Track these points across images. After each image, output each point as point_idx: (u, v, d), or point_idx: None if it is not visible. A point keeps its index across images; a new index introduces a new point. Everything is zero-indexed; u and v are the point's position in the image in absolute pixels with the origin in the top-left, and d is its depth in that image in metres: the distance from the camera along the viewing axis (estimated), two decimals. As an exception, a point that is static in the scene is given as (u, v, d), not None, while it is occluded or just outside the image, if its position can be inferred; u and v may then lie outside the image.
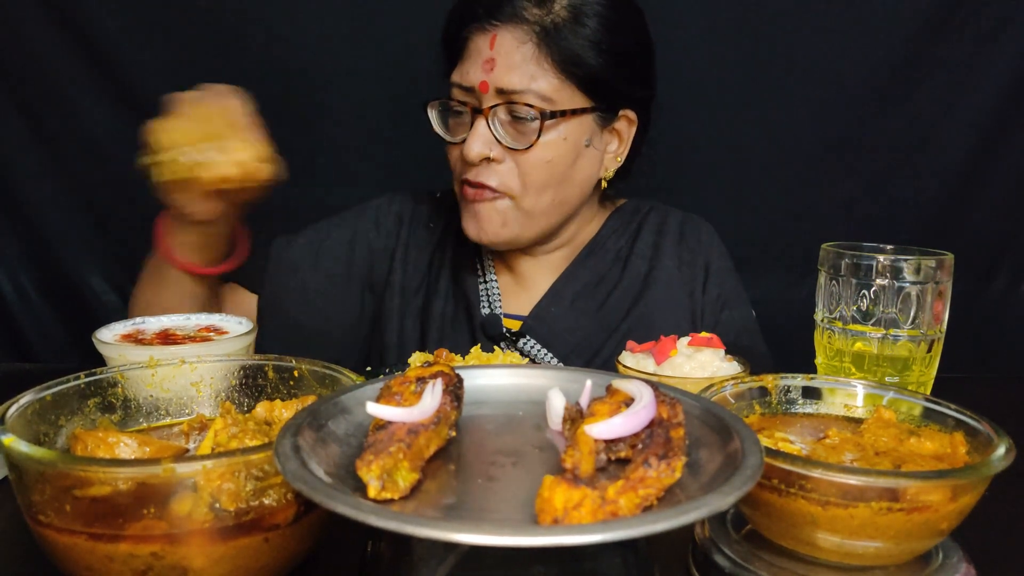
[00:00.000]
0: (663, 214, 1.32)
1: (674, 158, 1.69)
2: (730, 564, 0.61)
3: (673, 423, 0.54)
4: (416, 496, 0.50)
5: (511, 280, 1.29)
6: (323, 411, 0.57)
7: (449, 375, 0.61)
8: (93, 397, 0.71)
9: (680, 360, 0.87)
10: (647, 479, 0.48)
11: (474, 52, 1.12)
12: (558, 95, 1.10)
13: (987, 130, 1.76)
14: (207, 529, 0.54)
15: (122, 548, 0.53)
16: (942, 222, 1.80)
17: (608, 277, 1.27)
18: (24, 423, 0.63)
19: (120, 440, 0.64)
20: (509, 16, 1.09)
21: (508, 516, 0.48)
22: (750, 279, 1.38)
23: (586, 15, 1.10)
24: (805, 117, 1.77)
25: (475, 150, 1.10)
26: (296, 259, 1.30)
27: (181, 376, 0.76)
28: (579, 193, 1.20)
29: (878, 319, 0.93)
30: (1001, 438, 0.60)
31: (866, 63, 1.73)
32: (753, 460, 0.49)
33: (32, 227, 1.82)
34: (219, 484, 0.54)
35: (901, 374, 0.94)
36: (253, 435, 0.63)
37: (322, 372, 0.75)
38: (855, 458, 0.63)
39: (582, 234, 1.29)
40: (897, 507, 0.54)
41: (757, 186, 1.81)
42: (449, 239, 1.32)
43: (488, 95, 1.10)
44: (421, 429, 0.53)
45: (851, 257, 0.94)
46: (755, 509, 0.61)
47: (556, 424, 0.60)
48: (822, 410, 0.74)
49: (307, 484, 0.46)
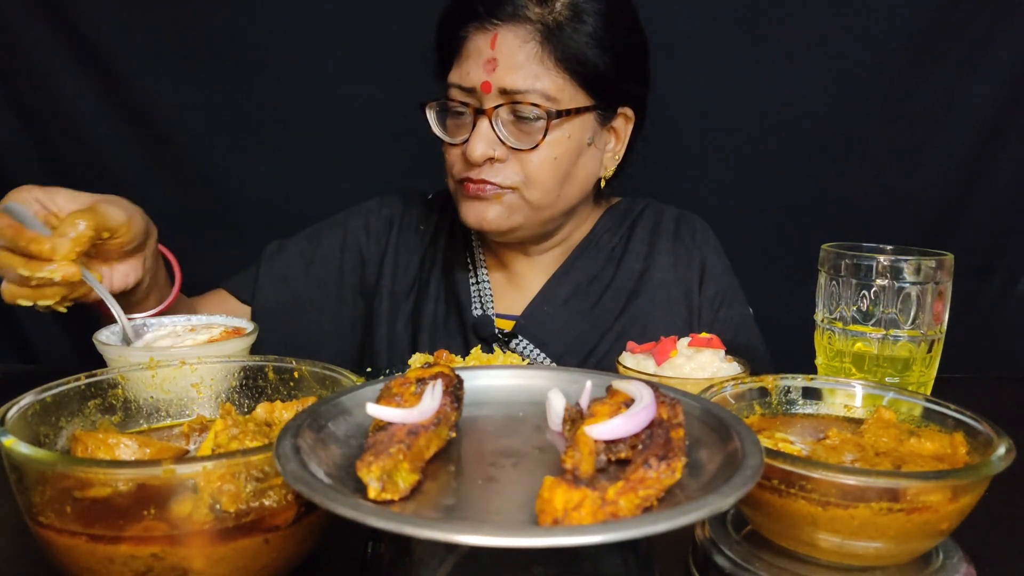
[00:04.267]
0: (658, 211, 1.32)
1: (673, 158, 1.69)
2: (730, 564, 0.61)
3: (673, 424, 0.54)
4: (416, 497, 0.50)
5: (504, 280, 1.29)
6: (323, 412, 0.57)
7: (449, 376, 0.61)
8: (93, 398, 0.71)
9: (680, 361, 0.87)
10: (647, 480, 0.48)
11: (474, 52, 1.10)
12: (561, 94, 1.10)
13: (987, 131, 1.76)
14: (207, 530, 0.54)
15: (122, 549, 0.53)
16: (942, 222, 1.80)
17: (601, 276, 1.26)
18: (24, 424, 0.63)
19: (120, 441, 0.65)
20: (510, 15, 1.08)
21: (508, 517, 0.48)
22: (750, 280, 1.38)
23: (586, 12, 1.10)
24: (805, 118, 1.77)
25: (479, 151, 1.09)
26: (287, 267, 1.30)
27: (181, 377, 0.76)
28: (580, 191, 1.19)
29: (878, 319, 0.93)
30: (1001, 438, 0.60)
31: (866, 63, 1.73)
32: (753, 460, 0.49)
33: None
34: (219, 485, 0.54)
35: (901, 374, 0.94)
36: (253, 436, 0.63)
37: (322, 373, 0.75)
38: (855, 458, 0.63)
39: (577, 233, 1.29)
40: (897, 507, 0.54)
41: (757, 186, 1.81)
42: (440, 241, 1.31)
43: (491, 96, 1.09)
44: (421, 430, 0.53)
45: (851, 257, 0.94)
46: (755, 509, 0.61)
47: (556, 425, 0.60)
48: (822, 410, 0.74)
49: (307, 485, 0.46)
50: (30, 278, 0.85)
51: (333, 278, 1.31)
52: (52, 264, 0.85)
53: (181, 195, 1.79)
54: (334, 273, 1.31)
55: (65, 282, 0.86)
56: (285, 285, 1.29)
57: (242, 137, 1.79)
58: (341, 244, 1.32)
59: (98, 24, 1.71)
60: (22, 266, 0.85)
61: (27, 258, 0.85)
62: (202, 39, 1.74)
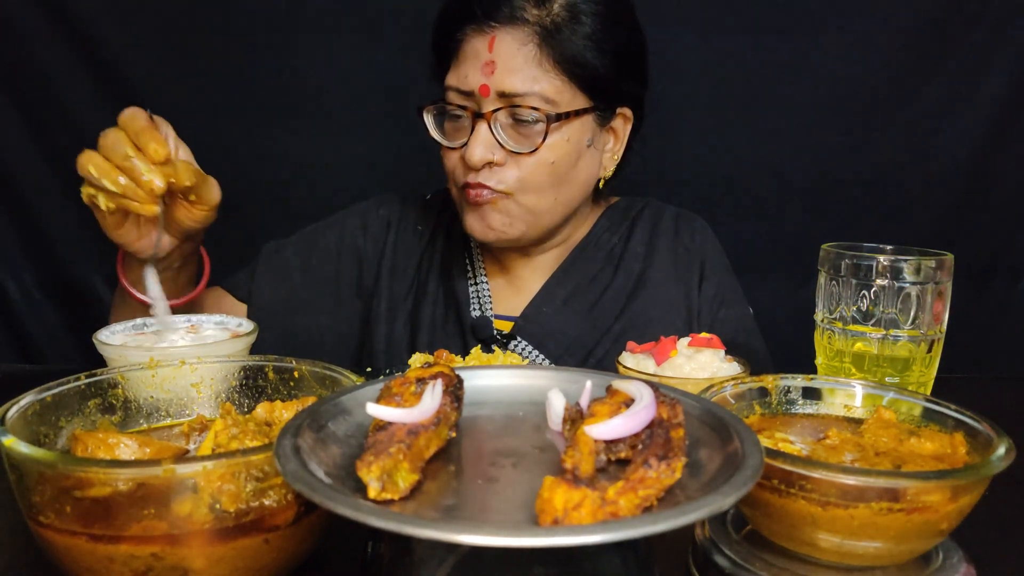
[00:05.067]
0: (657, 211, 1.31)
1: (674, 159, 1.69)
2: (730, 564, 0.61)
3: (673, 423, 0.54)
4: (416, 497, 0.50)
5: (503, 281, 1.28)
6: (323, 412, 0.57)
7: (449, 376, 0.61)
8: (93, 398, 0.71)
9: (680, 361, 0.87)
10: (647, 480, 0.48)
11: (471, 54, 1.09)
12: (560, 96, 1.09)
13: (987, 131, 1.76)
14: (207, 530, 0.54)
15: (122, 549, 0.53)
16: (942, 222, 1.80)
17: (600, 277, 1.26)
18: (24, 424, 0.63)
19: (120, 441, 0.64)
20: (508, 17, 1.07)
21: (508, 517, 0.48)
22: (751, 280, 1.38)
23: (583, 13, 1.09)
24: (806, 118, 1.77)
25: (478, 155, 1.08)
26: (285, 268, 1.29)
27: (181, 377, 0.76)
28: (580, 193, 1.19)
29: (878, 319, 0.93)
30: (1001, 438, 0.60)
31: (867, 65, 1.74)
32: (753, 460, 0.49)
33: (36, 228, 1.83)
34: (219, 485, 0.54)
35: (901, 374, 0.94)
36: (253, 436, 0.63)
37: (322, 373, 0.75)
38: (855, 458, 0.63)
39: (576, 233, 1.28)
40: (897, 507, 0.54)
41: (757, 187, 1.81)
42: (438, 242, 1.31)
43: (489, 99, 1.08)
44: (421, 430, 0.53)
45: (851, 257, 0.94)
46: (755, 509, 0.61)
47: (556, 425, 0.60)
48: (822, 410, 0.74)
49: (307, 485, 0.46)
50: (131, 171, 0.86)
51: (330, 278, 1.31)
52: (153, 170, 0.87)
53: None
54: (331, 273, 1.31)
55: (148, 199, 0.88)
56: (282, 285, 1.29)
57: (246, 141, 1.80)
58: (338, 244, 1.31)
59: (105, 29, 1.71)
60: (126, 159, 0.86)
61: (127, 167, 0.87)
62: (208, 45, 1.74)
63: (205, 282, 1.10)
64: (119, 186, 0.88)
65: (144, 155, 0.87)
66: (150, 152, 0.87)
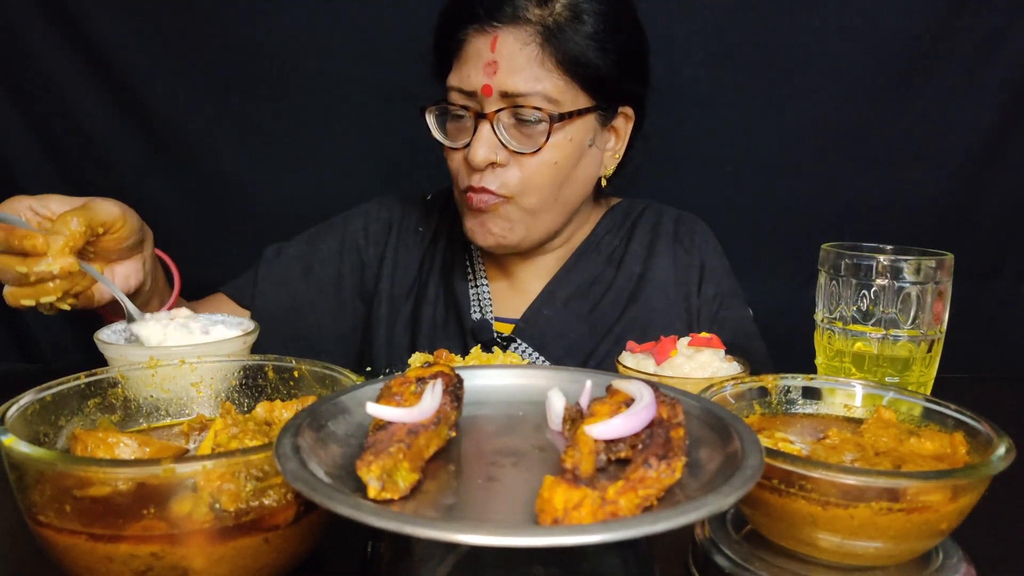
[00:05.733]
0: (658, 213, 1.31)
1: (674, 158, 1.69)
2: (730, 564, 0.61)
3: (673, 423, 0.54)
4: (416, 496, 0.50)
5: (504, 283, 1.28)
6: (323, 411, 0.57)
7: (449, 375, 0.61)
8: (93, 397, 0.71)
9: (680, 360, 0.87)
10: (647, 479, 0.48)
11: (473, 55, 1.09)
12: (563, 96, 1.09)
13: (988, 131, 1.76)
14: (207, 529, 0.54)
15: (122, 548, 0.53)
16: (942, 222, 1.80)
17: (601, 278, 1.26)
18: (24, 423, 0.63)
19: (120, 440, 0.65)
20: (510, 17, 1.07)
21: (508, 516, 0.48)
22: (751, 280, 1.38)
23: (585, 13, 1.09)
24: (806, 118, 1.76)
25: (481, 155, 1.08)
26: (286, 271, 1.29)
27: (181, 376, 0.76)
28: (581, 193, 1.19)
29: (878, 319, 0.93)
30: (1001, 438, 0.60)
31: (868, 64, 1.73)
32: (753, 460, 0.49)
33: (35, 228, 1.82)
34: (219, 484, 0.54)
35: (901, 374, 0.94)
36: (253, 435, 0.63)
37: (322, 372, 0.75)
38: (855, 458, 0.63)
39: (577, 235, 1.28)
40: (897, 507, 0.54)
41: (758, 186, 1.81)
42: (439, 243, 1.31)
43: (492, 99, 1.08)
44: (421, 429, 0.53)
45: (851, 257, 0.94)
46: (755, 509, 0.61)
47: (556, 424, 0.60)
48: (822, 410, 0.74)
49: (307, 484, 0.46)
50: (28, 274, 0.86)
51: (332, 281, 1.31)
52: (48, 258, 0.86)
53: (186, 199, 1.79)
54: (333, 276, 1.31)
55: (63, 274, 0.87)
56: (284, 288, 1.29)
57: (247, 141, 1.79)
58: (340, 247, 1.31)
59: (105, 28, 1.71)
60: (19, 264, 0.86)
61: (23, 257, 0.86)
62: (208, 45, 1.74)
63: (178, 279, 1.09)
64: (38, 292, 0.88)
65: (30, 256, 0.86)
66: (30, 249, 0.85)
